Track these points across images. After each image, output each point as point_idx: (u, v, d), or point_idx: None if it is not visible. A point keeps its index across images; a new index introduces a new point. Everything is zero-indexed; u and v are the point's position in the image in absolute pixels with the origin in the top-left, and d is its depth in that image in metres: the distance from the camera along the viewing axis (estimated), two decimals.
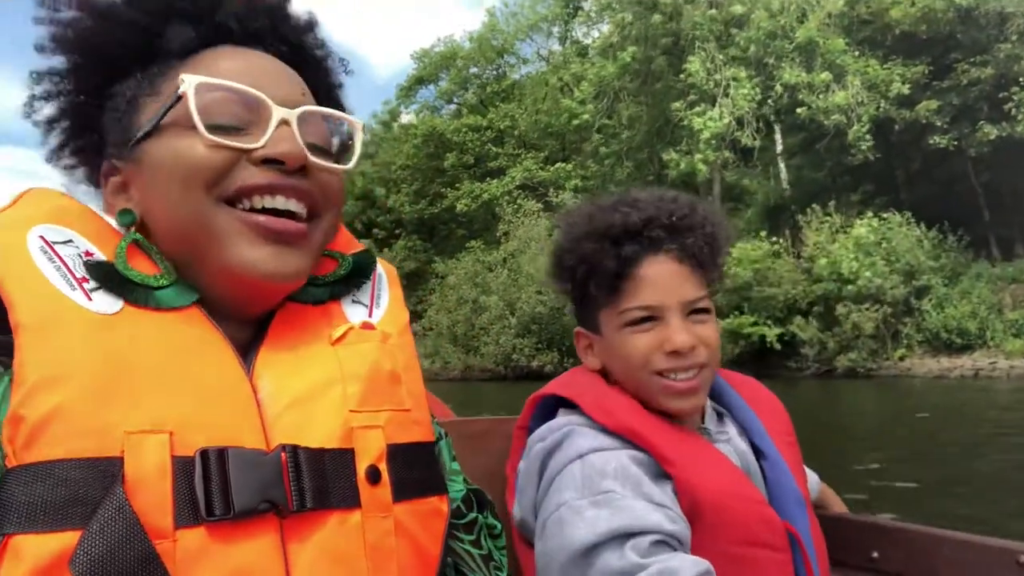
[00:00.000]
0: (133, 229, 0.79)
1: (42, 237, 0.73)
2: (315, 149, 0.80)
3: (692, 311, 1.15)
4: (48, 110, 0.87)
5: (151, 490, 0.63)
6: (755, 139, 29.49)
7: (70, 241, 0.74)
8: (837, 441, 10.06)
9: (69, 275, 0.71)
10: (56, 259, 0.71)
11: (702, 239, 1.16)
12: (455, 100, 47.78)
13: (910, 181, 31.04)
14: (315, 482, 0.71)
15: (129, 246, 0.76)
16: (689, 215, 1.17)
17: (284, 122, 0.76)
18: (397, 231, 44.78)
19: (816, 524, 1.19)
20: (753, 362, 26.24)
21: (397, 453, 0.78)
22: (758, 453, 1.24)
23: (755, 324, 26.95)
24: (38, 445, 0.62)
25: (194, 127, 0.74)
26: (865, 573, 1.32)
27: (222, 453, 0.67)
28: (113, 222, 0.81)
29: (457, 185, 40.46)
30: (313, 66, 0.90)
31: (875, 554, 1.30)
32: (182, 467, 0.65)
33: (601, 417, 1.12)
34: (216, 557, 0.65)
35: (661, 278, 1.14)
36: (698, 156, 29.30)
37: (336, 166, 0.82)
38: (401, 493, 0.77)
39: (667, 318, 1.14)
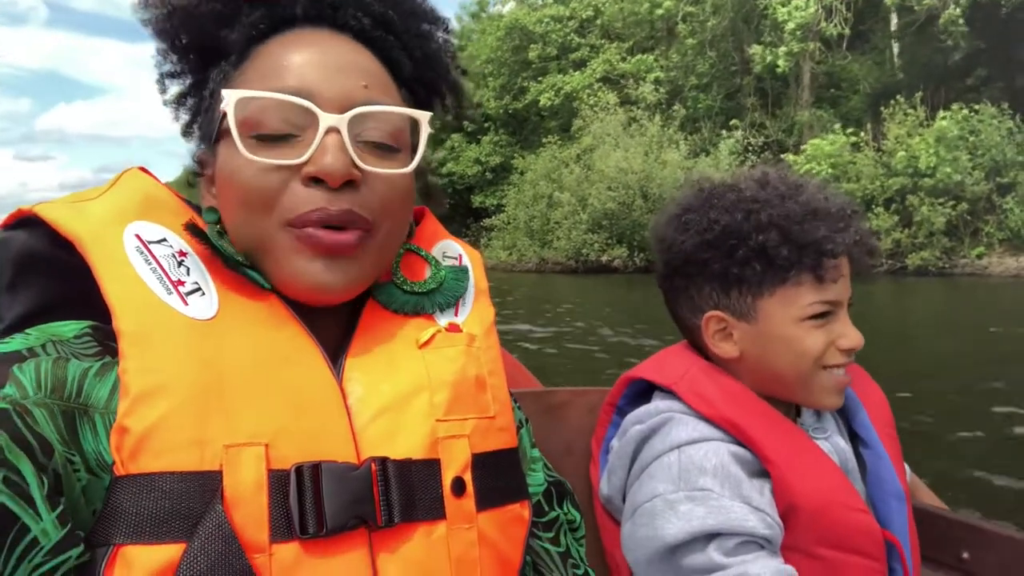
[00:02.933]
0: (218, 225, 0.81)
1: (138, 236, 0.74)
2: (376, 147, 0.78)
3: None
4: (175, 88, 0.87)
5: (249, 505, 0.65)
6: (844, 28, 27.93)
7: (164, 240, 0.75)
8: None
9: (165, 278, 0.72)
10: (152, 260, 0.72)
11: (869, 239, 1.14)
12: None
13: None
14: (403, 496, 0.72)
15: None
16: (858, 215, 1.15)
17: (333, 130, 0.74)
18: (487, 124, 45.37)
19: (912, 522, 1.16)
20: None
21: (481, 462, 0.79)
22: (860, 442, 1.21)
23: None
24: (143, 456, 0.63)
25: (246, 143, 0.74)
26: (954, 573, 1.26)
27: (316, 468, 0.68)
28: (200, 215, 0.83)
29: (540, 79, 40.38)
30: (403, 35, 0.86)
31: (966, 555, 1.23)
32: (277, 481, 0.67)
33: (700, 405, 1.10)
34: (309, 572, 0.66)
35: (844, 274, 1.11)
36: (782, 49, 28.17)
37: (390, 172, 0.78)
38: (484, 502, 0.78)
39: (839, 314, 1.12)
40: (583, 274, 30.30)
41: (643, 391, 1.23)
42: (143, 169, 0.85)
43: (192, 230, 0.76)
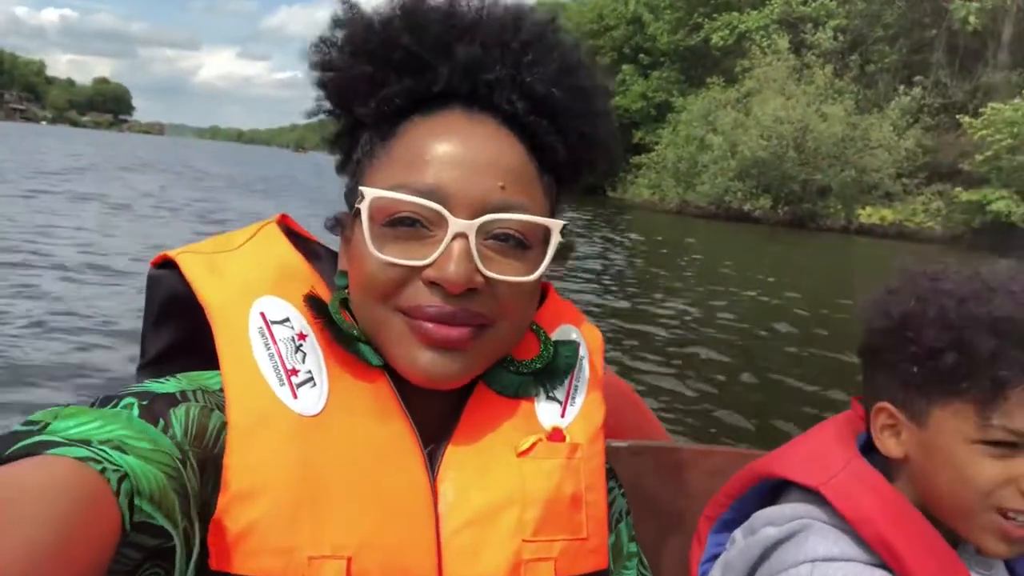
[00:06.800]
0: (346, 291, 0.82)
1: (263, 315, 0.76)
2: (506, 243, 0.77)
3: None
4: (331, 127, 0.89)
5: None
6: None
7: (287, 320, 0.77)
8: None
9: (280, 366, 0.74)
10: (271, 345, 0.75)
11: None
12: None
13: None
14: None
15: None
16: None
17: (461, 235, 0.73)
18: (662, 59, 44.96)
19: None
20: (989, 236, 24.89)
21: None
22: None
23: (1001, 198, 25.24)
24: (233, 557, 0.66)
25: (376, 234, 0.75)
26: None
27: None
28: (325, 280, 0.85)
29: (716, 16, 39.33)
30: (562, 117, 0.82)
31: None
32: None
33: (852, 514, 0.94)
34: None
35: None
36: (974, 4, 26.01)
37: (511, 279, 0.76)
38: None
39: None
40: (723, 220, 30.28)
41: (773, 488, 1.09)
42: (284, 217, 0.89)
43: (311, 303, 0.79)
